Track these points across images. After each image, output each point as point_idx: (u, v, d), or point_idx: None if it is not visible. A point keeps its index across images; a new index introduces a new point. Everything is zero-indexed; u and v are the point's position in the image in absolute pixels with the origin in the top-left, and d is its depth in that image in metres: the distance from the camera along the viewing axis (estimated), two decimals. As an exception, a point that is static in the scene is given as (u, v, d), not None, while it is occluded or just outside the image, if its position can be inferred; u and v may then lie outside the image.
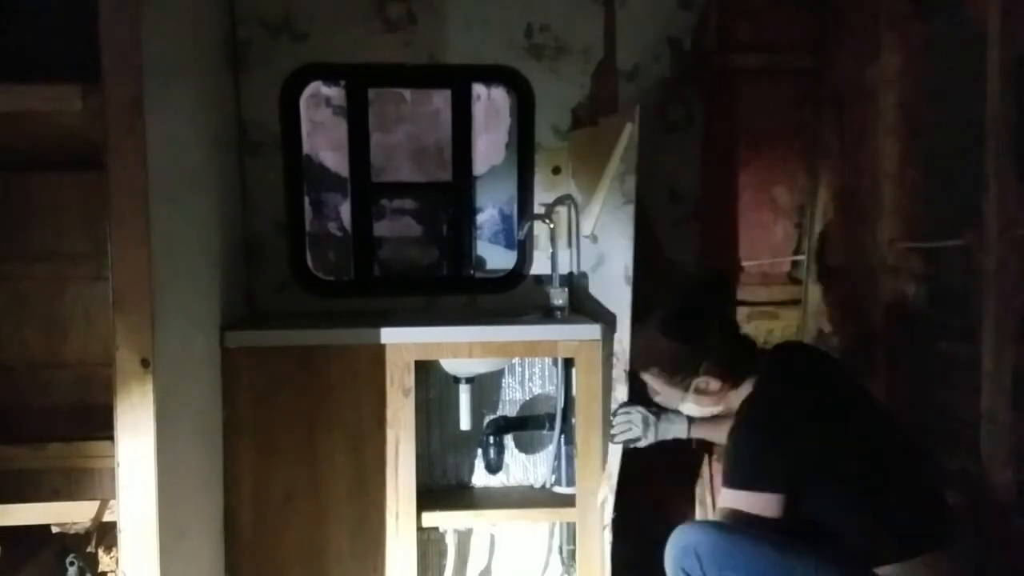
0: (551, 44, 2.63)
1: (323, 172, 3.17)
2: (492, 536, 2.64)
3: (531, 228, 2.67)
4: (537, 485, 2.58)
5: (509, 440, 2.55)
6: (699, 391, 1.91)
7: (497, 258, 2.99)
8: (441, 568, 2.58)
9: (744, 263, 2.65)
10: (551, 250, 2.57)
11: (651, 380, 1.98)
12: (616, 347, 2.21)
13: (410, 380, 2.22)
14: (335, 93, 2.97)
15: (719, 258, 2.67)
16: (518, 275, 2.72)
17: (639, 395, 2.12)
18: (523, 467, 2.61)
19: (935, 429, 2.18)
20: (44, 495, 2.27)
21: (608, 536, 2.25)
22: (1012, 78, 1.84)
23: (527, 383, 2.60)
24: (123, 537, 1.70)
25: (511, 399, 2.60)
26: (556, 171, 2.67)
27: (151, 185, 1.68)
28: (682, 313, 1.95)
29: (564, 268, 2.62)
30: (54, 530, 2.31)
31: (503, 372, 2.58)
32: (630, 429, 2.14)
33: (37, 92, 1.74)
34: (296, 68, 2.57)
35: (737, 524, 1.71)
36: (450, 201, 2.80)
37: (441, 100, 2.72)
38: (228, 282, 2.32)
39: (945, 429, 2.14)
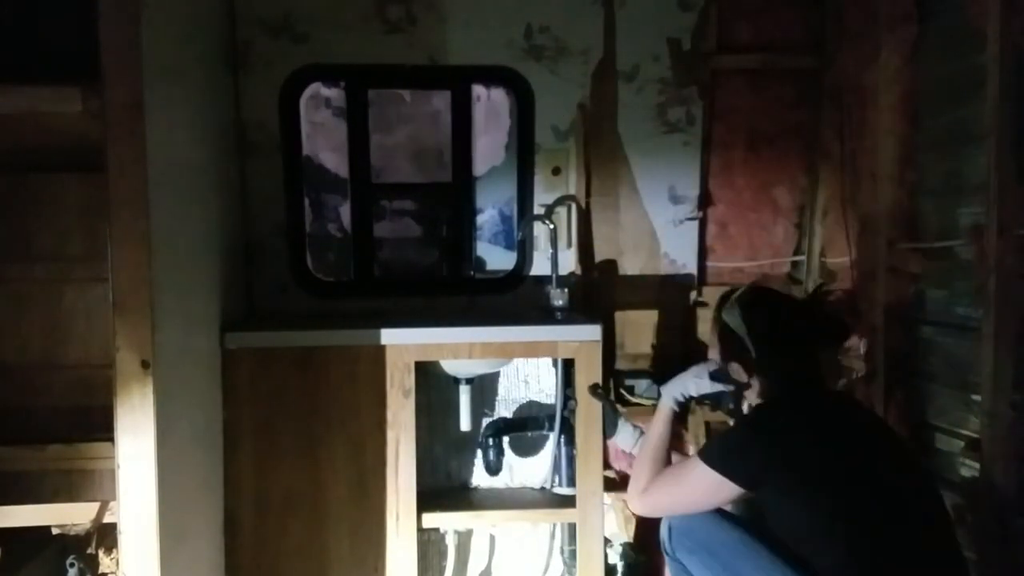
0: (551, 45, 2.63)
1: (323, 173, 3.16)
2: (492, 537, 2.64)
3: (531, 229, 2.67)
4: (537, 486, 2.58)
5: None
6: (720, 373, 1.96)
7: (497, 259, 2.99)
8: (441, 569, 2.58)
9: (744, 263, 2.65)
10: (551, 251, 2.57)
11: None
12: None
13: (410, 381, 2.22)
14: (335, 94, 2.96)
15: (719, 258, 2.68)
16: (518, 276, 2.72)
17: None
18: (523, 468, 2.61)
19: (935, 430, 2.18)
20: (44, 496, 2.27)
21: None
22: (1012, 78, 1.84)
23: (527, 384, 2.60)
24: (123, 538, 1.70)
25: (511, 400, 2.60)
26: (556, 172, 2.67)
27: (151, 186, 1.68)
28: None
29: (564, 269, 2.62)
30: (54, 531, 2.31)
31: (503, 373, 2.58)
32: None
33: (37, 93, 1.74)
34: (296, 69, 2.58)
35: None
36: (450, 202, 2.79)
37: (441, 101, 2.71)
38: (228, 283, 2.32)
39: (945, 430, 2.14)
